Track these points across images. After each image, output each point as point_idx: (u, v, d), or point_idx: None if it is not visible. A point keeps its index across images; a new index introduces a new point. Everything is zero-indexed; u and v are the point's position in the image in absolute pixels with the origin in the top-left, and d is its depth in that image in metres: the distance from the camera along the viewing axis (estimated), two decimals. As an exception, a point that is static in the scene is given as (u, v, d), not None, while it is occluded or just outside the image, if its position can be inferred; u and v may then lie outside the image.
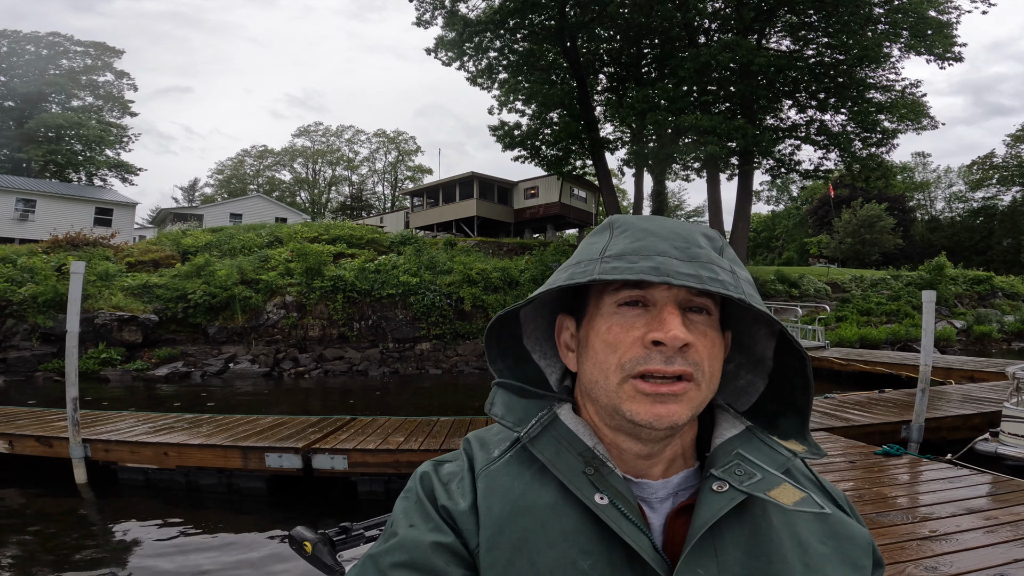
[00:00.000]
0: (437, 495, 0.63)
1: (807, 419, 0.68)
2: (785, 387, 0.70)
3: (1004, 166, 49.92)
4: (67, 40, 39.78)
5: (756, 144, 20.27)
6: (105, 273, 16.39)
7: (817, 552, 0.60)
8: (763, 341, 0.71)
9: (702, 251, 0.60)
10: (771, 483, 0.60)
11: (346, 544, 2.35)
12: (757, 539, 0.59)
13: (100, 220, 28.35)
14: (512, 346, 0.75)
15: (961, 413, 7.23)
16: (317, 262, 17.71)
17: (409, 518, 0.61)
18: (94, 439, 5.91)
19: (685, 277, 0.57)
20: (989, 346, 21.12)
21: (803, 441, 0.67)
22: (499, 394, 0.70)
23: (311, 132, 65.99)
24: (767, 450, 0.64)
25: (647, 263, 0.58)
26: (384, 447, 5.59)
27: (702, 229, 0.65)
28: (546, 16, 21.43)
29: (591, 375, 0.63)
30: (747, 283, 0.62)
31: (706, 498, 0.59)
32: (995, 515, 3.55)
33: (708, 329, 0.62)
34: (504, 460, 0.65)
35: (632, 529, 0.57)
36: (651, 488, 0.64)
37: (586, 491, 0.59)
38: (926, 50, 18.96)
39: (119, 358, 14.84)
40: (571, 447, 0.63)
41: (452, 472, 0.66)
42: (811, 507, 0.59)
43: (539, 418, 0.66)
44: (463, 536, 0.59)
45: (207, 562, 4.46)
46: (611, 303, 0.62)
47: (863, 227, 44.39)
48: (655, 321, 0.59)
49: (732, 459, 0.63)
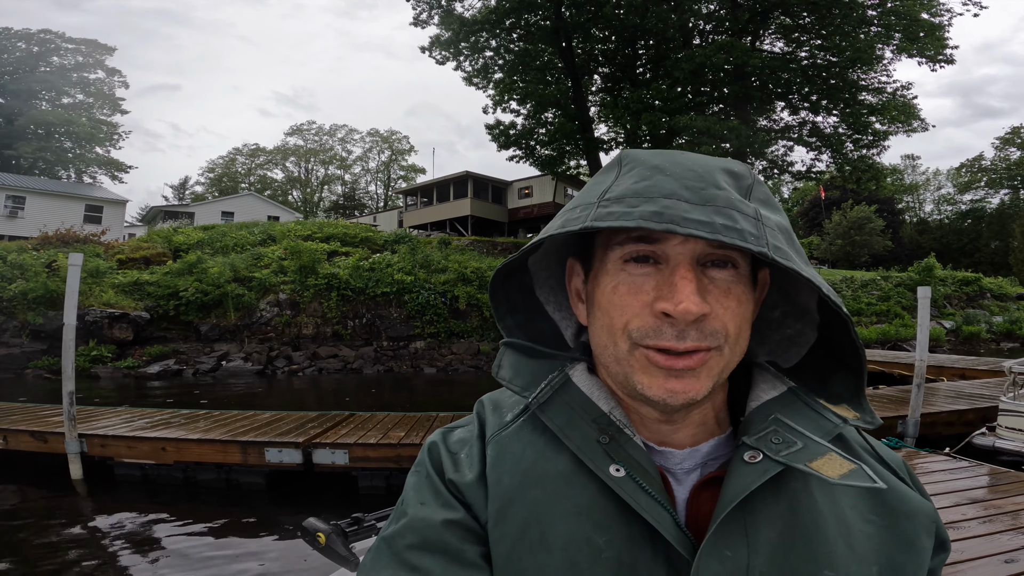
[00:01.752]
0: (445, 468, 0.59)
1: (863, 380, 0.58)
2: (835, 344, 0.60)
3: (992, 169, 50.65)
4: (58, 37, 39.43)
5: (749, 145, 20.40)
6: (96, 270, 16.21)
7: (862, 530, 0.53)
8: (805, 291, 0.62)
9: (720, 192, 0.51)
10: (814, 453, 0.52)
11: (359, 535, 2.34)
12: (796, 518, 0.52)
13: (90, 217, 28.06)
14: (523, 300, 0.68)
15: (955, 408, 7.31)
16: (311, 260, 17.61)
17: (420, 494, 0.57)
18: (90, 434, 5.84)
19: (694, 225, 0.47)
20: (978, 346, 21.37)
21: (857, 407, 0.58)
22: (507, 355, 0.64)
23: (304, 131, 65.75)
24: (812, 415, 0.56)
25: (649, 207, 0.49)
26: (385, 442, 5.57)
27: (726, 164, 0.55)
28: (542, 16, 21.47)
29: (599, 338, 0.57)
30: (779, 231, 0.52)
31: (736, 469, 0.52)
32: (998, 505, 3.60)
33: (733, 285, 0.53)
34: (517, 425, 0.60)
35: (652, 504, 0.51)
36: (676, 457, 0.57)
37: (600, 462, 0.53)
38: (918, 52, 19.15)
39: (110, 356, 14.68)
40: (585, 413, 0.57)
41: (462, 439, 0.62)
42: (861, 480, 0.50)
43: (549, 381, 0.60)
44: (473, 510, 0.56)
45: (206, 557, 4.41)
46: (616, 258, 0.54)
47: (853, 229, 44.85)
48: (666, 285, 0.51)
49: (769, 425, 0.55)
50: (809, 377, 0.62)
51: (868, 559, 0.52)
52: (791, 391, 0.59)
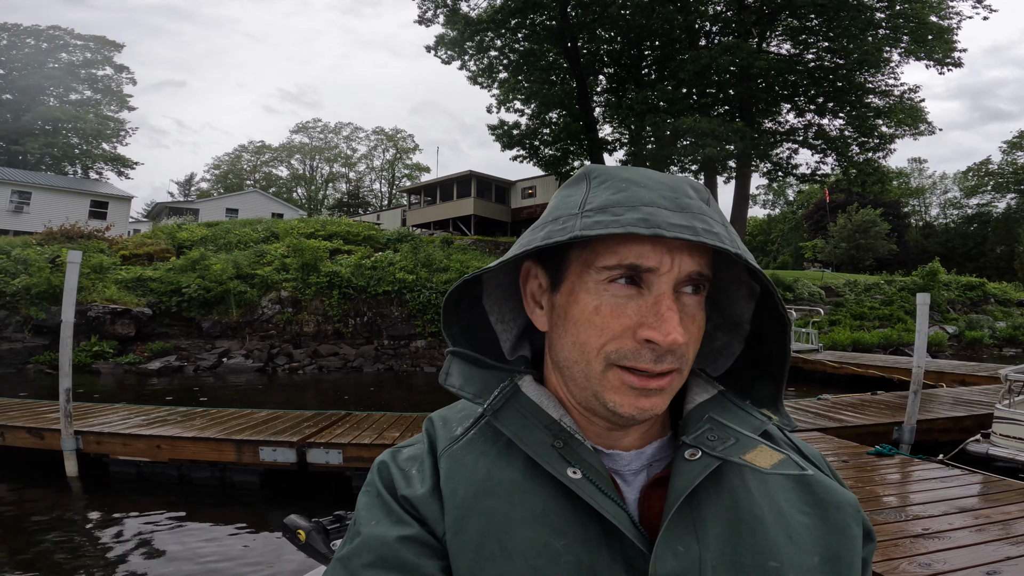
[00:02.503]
0: (397, 485, 0.59)
1: (782, 387, 0.63)
2: (762, 353, 0.64)
3: (1000, 173, 50.32)
4: (67, 34, 39.64)
5: (754, 147, 20.35)
6: (99, 266, 16.30)
7: (799, 522, 0.56)
8: (741, 303, 0.65)
9: (692, 201, 0.54)
10: (746, 446, 0.56)
11: (340, 533, 2.35)
12: (738, 512, 0.55)
13: (95, 213, 28.22)
14: (470, 308, 0.67)
15: (952, 415, 7.28)
16: (313, 258, 17.66)
17: (372, 514, 0.58)
18: (86, 431, 5.88)
19: (679, 229, 0.50)
20: (980, 351, 21.24)
21: (775, 411, 0.63)
22: (455, 363, 0.65)
23: (309, 128, 65.94)
24: (741, 414, 0.60)
25: (634, 214, 0.51)
26: (379, 442, 5.59)
27: (688, 180, 0.59)
28: (547, 16, 21.45)
29: (569, 353, 0.58)
30: (738, 238, 0.56)
31: (680, 467, 0.55)
32: (986, 514, 3.58)
33: (698, 312, 0.56)
34: (468, 438, 0.61)
35: (609, 504, 0.53)
36: (623, 459, 0.60)
37: (558, 465, 0.54)
38: (926, 55, 19.04)
39: (111, 351, 14.75)
40: (537, 420, 0.58)
41: (412, 456, 0.62)
42: (791, 469, 0.55)
43: (501, 389, 0.61)
44: (429, 524, 0.56)
45: (199, 555, 4.44)
46: (600, 278, 0.55)
47: (858, 232, 44.65)
48: (650, 313, 0.53)
49: (704, 424, 0.59)
50: (732, 385, 0.66)
51: (809, 549, 0.55)
52: (721, 394, 0.63)
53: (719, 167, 24.02)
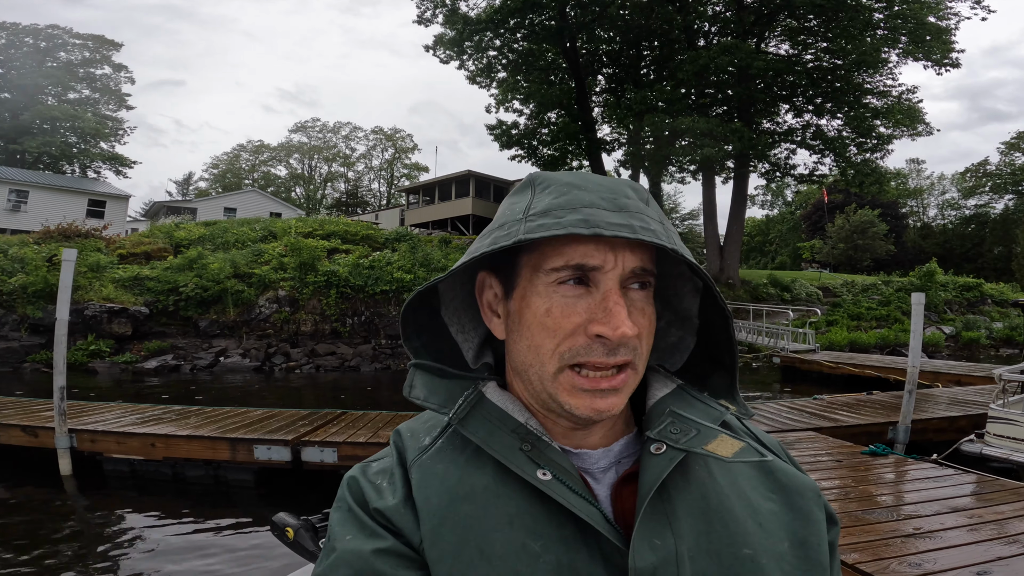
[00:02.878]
0: (368, 498, 0.58)
1: (735, 377, 0.65)
2: (712, 346, 0.67)
3: (998, 174, 50.38)
4: (66, 33, 39.55)
5: (752, 147, 20.36)
6: (96, 264, 16.27)
7: (766, 509, 0.58)
8: (688, 297, 0.67)
9: (630, 201, 0.56)
10: (707, 436, 0.58)
11: (329, 531, 2.33)
12: (707, 502, 0.56)
13: (93, 212, 28.18)
14: (429, 321, 0.68)
15: (947, 415, 7.29)
16: (311, 257, 17.64)
17: (345, 529, 0.57)
18: (80, 429, 5.87)
19: (617, 228, 0.52)
20: (977, 352, 21.27)
21: (732, 401, 0.65)
22: (418, 376, 0.65)
23: (308, 128, 65.83)
24: (700, 406, 0.62)
25: (575, 216, 0.53)
26: (375, 440, 5.58)
27: (627, 181, 0.61)
28: (546, 16, 21.45)
29: (524, 358, 0.59)
30: (676, 235, 0.58)
31: (647, 462, 0.56)
32: (979, 514, 3.58)
33: (647, 306, 0.58)
34: (437, 447, 0.61)
35: (581, 502, 0.53)
36: (591, 458, 0.60)
37: (527, 468, 0.55)
38: (924, 56, 19.06)
39: (108, 350, 14.73)
40: (503, 425, 0.59)
41: (381, 469, 0.61)
42: (750, 456, 0.58)
43: (465, 397, 0.62)
44: (404, 535, 0.55)
45: (193, 553, 4.44)
46: (549, 281, 0.56)
47: (856, 233, 44.72)
48: (599, 309, 0.55)
49: (666, 418, 0.60)
50: (690, 379, 0.69)
51: (778, 535, 0.56)
52: (680, 387, 0.65)
53: (717, 167, 24.04)
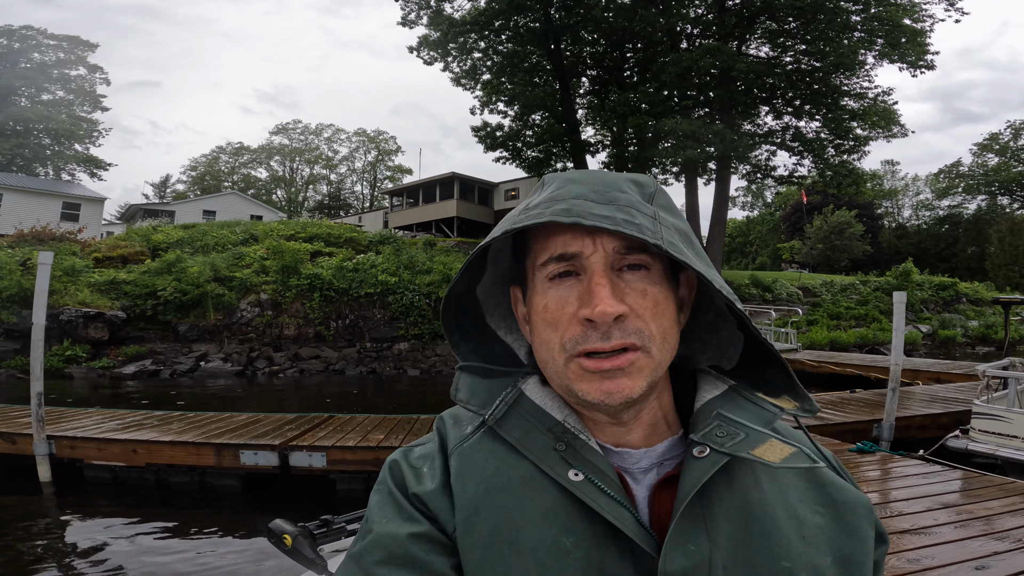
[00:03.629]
0: (408, 482, 0.59)
1: (790, 370, 0.62)
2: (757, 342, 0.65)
3: (970, 175, 51.63)
4: (40, 34, 38.67)
5: (734, 149, 20.59)
6: (71, 268, 15.88)
7: (813, 522, 0.56)
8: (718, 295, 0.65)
9: (623, 195, 0.57)
10: (755, 440, 0.56)
11: (327, 537, 2.28)
12: (750, 511, 0.54)
13: (67, 215, 27.50)
14: (474, 328, 0.71)
15: (930, 412, 7.41)
16: (293, 260, 17.42)
17: (383, 512, 0.58)
18: (59, 435, 5.70)
19: (598, 218, 0.53)
20: (953, 350, 21.74)
21: (795, 395, 0.62)
22: (463, 378, 0.67)
23: (289, 130, 65.17)
24: (752, 407, 0.60)
25: (560, 206, 0.55)
26: (364, 444, 5.50)
27: (633, 176, 0.62)
28: (531, 18, 21.49)
29: (540, 355, 0.60)
30: (675, 231, 0.57)
31: (688, 465, 0.55)
32: (970, 509, 3.63)
33: (648, 286, 0.57)
34: (478, 436, 0.61)
35: (612, 504, 0.53)
36: (632, 457, 0.60)
37: (559, 469, 0.55)
38: (899, 58, 19.43)
39: (84, 355, 14.38)
40: (540, 423, 0.60)
41: (423, 455, 0.63)
42: (801, 462, 0.56)
43: (503, 397, 0.62)
44: (439, 521, 0.56)
45: (178, 562, 4.32)
46: (543, 278, 0.59)
47: (833, 233, 45.50)
48: (586, 293, 0.55)
49: (713, 420, 0.59)
50: (750, 375, 0.67)
51: (822, 550, 0.54)
52: (731, 389, 0.63)
53: (699, 169, 24.26)
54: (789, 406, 0.61)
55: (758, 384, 0.65)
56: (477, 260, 0.65)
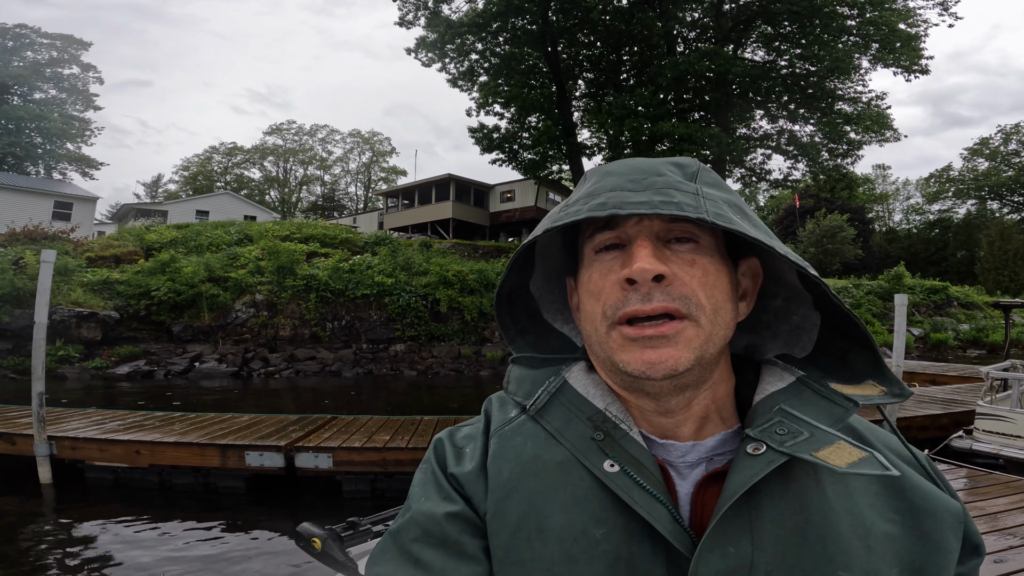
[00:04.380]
0: (448, 462, 0.60)
1: (877, 351, 0.57)
2: (839, 321, 0.60)
3: (960, 179, 52.16)
4: (34, 32, 38.29)
5: (729, 152, 20.70)
6: (64, 268, 15.70)
7: (882, 530, 0.51)
8: (791, 272, 0.63)
9: (660, 179, 0.55)
10: (820, 442, 0.50)
11: (354, 539, 2.26)
12: (807, 515, 0.50)
13: (59, 214, 27.22)
14: (531, 323, 0.72)
15: (929, 413, 7.47)
16: (289, 261, 17.33)
17: (424, 490, 0.59)
18: (60, 436, 5.63)
19: (634, 206, 0.52)
20: (945, 353, 21.94)
21: (882, 379, 0.57)
22: (513, 370, 0.68)
23: (283, 130, 64.80)
24: (821, 403, 0.55)
25: (596, 201, 0.54)
26: (370, 445, 5.47)
27: (674, 159, 0.60)
28: (528, 20, 21.50)
29: (586, 330, 0.59)
30: (724, 204, 0.55)
31: (739, 462, 0.51)
32: (980, 506, 3.66)
33: (697, 257, 0.55)
34: (520, 420, 0.61)
35: (646, 498, 0.50)
36: (678, 450, 0.57)
37: (594, 458, 0.54)
38: (894, 62, 19.57)
39: (77, 356, 14.23)
40: (580, 412, 0.58)
41: (468, 435, 0.63)
42: (872, 468, 0.48)
43: (546, 387, 0.62)
44: (473, 502, 0.56)
45: (182, 564, 4.26)
46: (590, 252, 0.59)
47: (825, 237, 45.81)
48: (627, 258, 0.55)
49: (773, 416, 0.54)
50: (828, 360, 0.62)
51: (888, 560, 0.50)
52: (799, 381, 0.59)
53: (695, 172, 24.34)
54: (874, 392, 0.56)
55: (836, 371, 0.60)
56: (522, 258, 0.66)
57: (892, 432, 0.62)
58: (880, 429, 0.61)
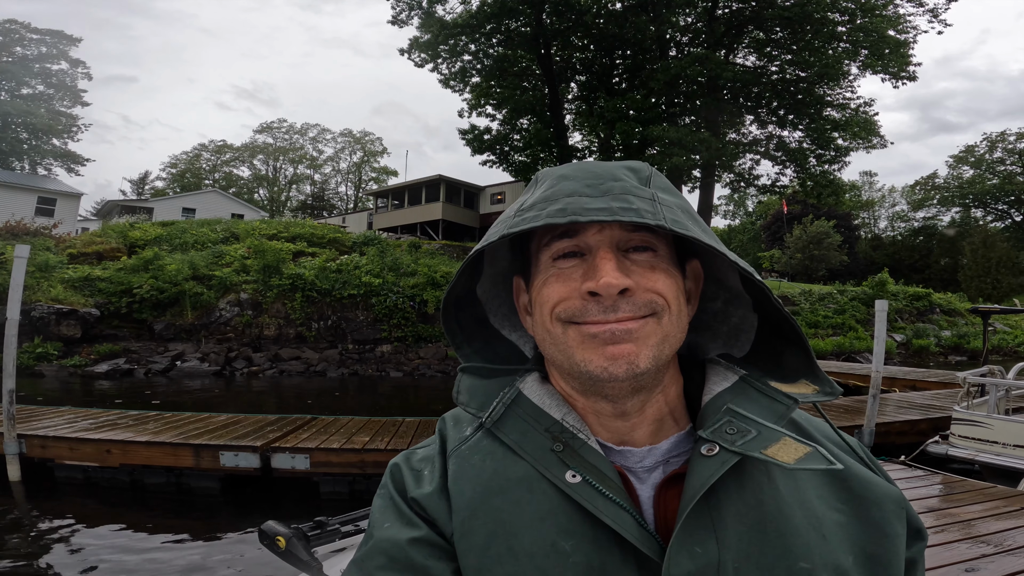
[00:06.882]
0: (407, 486, 0.59)
1: (810, 352, 0.59)
2: (776, 322, 0.62)
3: (945, 187, 52.84)
4: (23, 27, 37.88)
5: (719, 157, 20.82)
6: (45, 264, 15.49)
7: (832, 520, 0.53)
8: (732, 275, 0.64)
9: (617, 184, 0.55)
10: (768, 439, 0.52)
11: (321, 539, 2.21)
12: (764, 511, 0.51)
13: (42, 210, 26.84)
14: (478, 329, 0.71)
15: (908, 418, 7.52)
16: (275, 260, 17.18)
17: (385, 516, 0.57)
18: (30, 434, 5.52)
19: (594, 212, 0.51)
20: (927, 359, 22.18)
21: (814, 379, 0.59)
22: (463, 380, 0.66)
23: (274, 129, 64.43)
24: (764, 400, 0.57)
25: (554, 207, 0.53)
26: (349, 447, 5.41)
27: (628, 163, 0.60)
28: (522, 23, 21.52)
29: (540, 334, 0.59)
30: (677, 209, 0.55)
31: (696, 464, 0.52)
32: (953, 513, 3.68)
33: (656, 263, 0.56)
34: (476, 437, 0.60)
35: (611, 507, 0.51)
36: (635, 456, 0.57)
37: (556, 470, 0.54)
38: (883, 68, 19.75)
39: (56, 353, 14.02)
40: (537, 423, 0.58)
41: (424, 457, 0.62)
42: (817, 463, 0.51)
43: (501, 398, 0.61)
44: (437, 525, 0.55)
45: (152, 565, 4.19)
46: (547, 259, 0.58)
47: (812, 243, 46.22)
48: (590, 270, 0.54)
49: (722, 416, 0.56)
50: (764, 360, 0.64)
51: (844, 548, 0.52)
52: (742, 379, 0.60)
53: (685, 177, 24.50)
54: (808, 391, 0.58)
55: (772, 370, 0.62)
56: (471, 263, 0.64)
57: (824, 420, 0.64)
58: (815, 419, 0.63)
